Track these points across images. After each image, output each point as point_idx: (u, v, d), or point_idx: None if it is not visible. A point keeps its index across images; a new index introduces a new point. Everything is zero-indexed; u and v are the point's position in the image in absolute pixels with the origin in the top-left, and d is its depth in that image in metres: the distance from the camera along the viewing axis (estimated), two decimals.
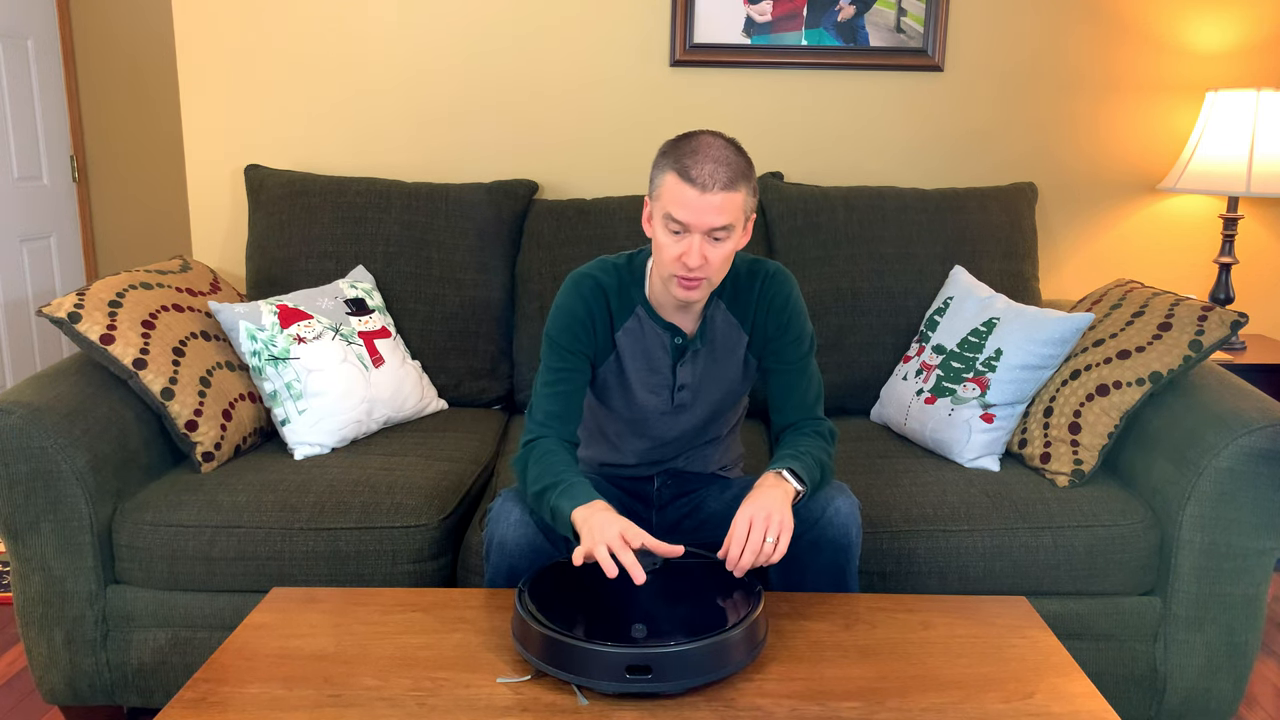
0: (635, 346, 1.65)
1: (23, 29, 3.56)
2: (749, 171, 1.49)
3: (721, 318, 1.65)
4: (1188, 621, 1.82)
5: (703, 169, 1.43)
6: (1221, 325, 1.87)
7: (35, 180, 3.67)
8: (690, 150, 1.46)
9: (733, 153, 1.47)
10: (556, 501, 1.47)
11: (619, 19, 2.65)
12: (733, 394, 1.72)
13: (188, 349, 2.02)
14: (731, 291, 1.64)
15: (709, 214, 1.44)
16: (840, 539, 1.57)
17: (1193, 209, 2.77)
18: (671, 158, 1.47)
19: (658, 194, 1.49)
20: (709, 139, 1.47)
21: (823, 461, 1.57)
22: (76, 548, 1.81)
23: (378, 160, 2.73)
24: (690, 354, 1.65)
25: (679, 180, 1.44)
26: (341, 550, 1.81)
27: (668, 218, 1.47)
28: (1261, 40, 2.66)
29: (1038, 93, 2.69)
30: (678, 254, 1.47)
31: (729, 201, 1.45)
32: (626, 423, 1.73)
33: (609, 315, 1.63)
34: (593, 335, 1.62)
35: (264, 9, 2.64)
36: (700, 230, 1.45)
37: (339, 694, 1.28)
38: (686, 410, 1.70)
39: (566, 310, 1.62)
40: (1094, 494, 1.89)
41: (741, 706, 1.26)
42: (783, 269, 1.66)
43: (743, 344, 1.67)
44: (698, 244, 1.46)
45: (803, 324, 1.65)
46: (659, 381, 1.67)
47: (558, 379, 1.61)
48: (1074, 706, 1.27)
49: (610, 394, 1.70)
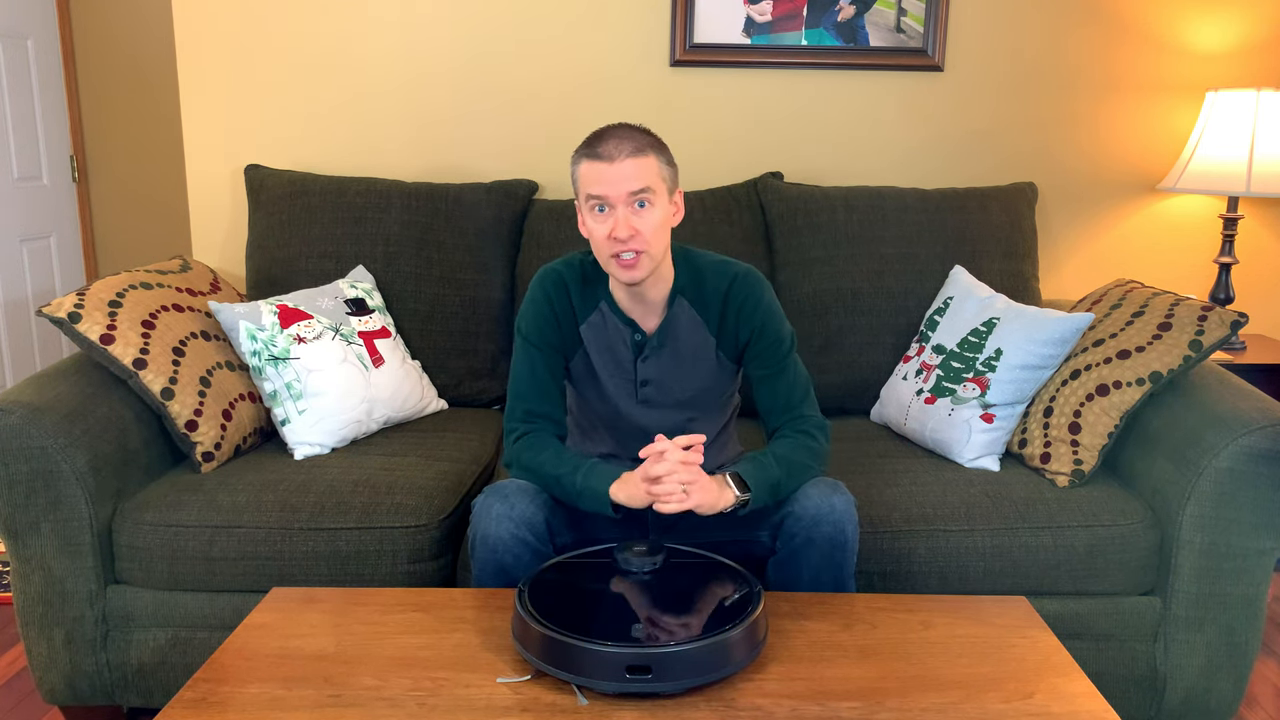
0: (599, 340, 1.69)
1: (23, 29, 3.56)
2: (658, 144, 1.56)
3: (686, 316, 1.67)
4: (1188, 621, 1.82)
5: (608, 144, 1.52)
6: (1221, 325, 1.87)
7: (35, 180, 3.67)
8: (596, 136, 1.56)
9: (636, 130, 1.56)
10: (583, 484, 1.53)
11: (619, 19, 2.65)
12: (708, 392, 1.73)
13: (188, 349, 2.02)
14: (696, 289, 1.66)
15: (623, 180, 1.51)
16: (836, 537, 1.57)
17: (1193, 209, 2.77)
18: (581, 150, 1.57)
19: (578, 188, 1.58)
20: (614, 126, 1.57)
21: (790, 458, 1.59)
22: (76, 548, 1.81)
23: (378, 160, 2.73)
24: (650, 350, 1.67)
25: (590, 161, 1.53)
26: (341, 550, 1.81)
27: (589, 199, 1.54)
28: (1261, 40, 2.67)
29: (1038, 93, 2.70)
30: (607, 231, 1.53)
31: (640, 166, 1.52)
32: (604, 417, 1.76)
33: (571, 309, 1.68)
34: (558, 329, 1.67)
35: (264, 9, 2.64)
36: (620, 200, 1.52)
37: (339, 694, 1.28)
38: (655, 406, 1.72)
39: (532, 304, 1.68)
40: (1094, 494, 1.89)
41: (741, 706, 1.26)
42: (753, 271, 1.68)
43: (710, 345, 1.68)
44: (622, 215, 1.52)
45: (779, 325, 1.67)
46: (623, 376, 1.70)
47: (533, 373, 1.67)
48: (1074, 706, 1.27)
49: (584, 387, 1.74)
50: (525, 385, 1.66)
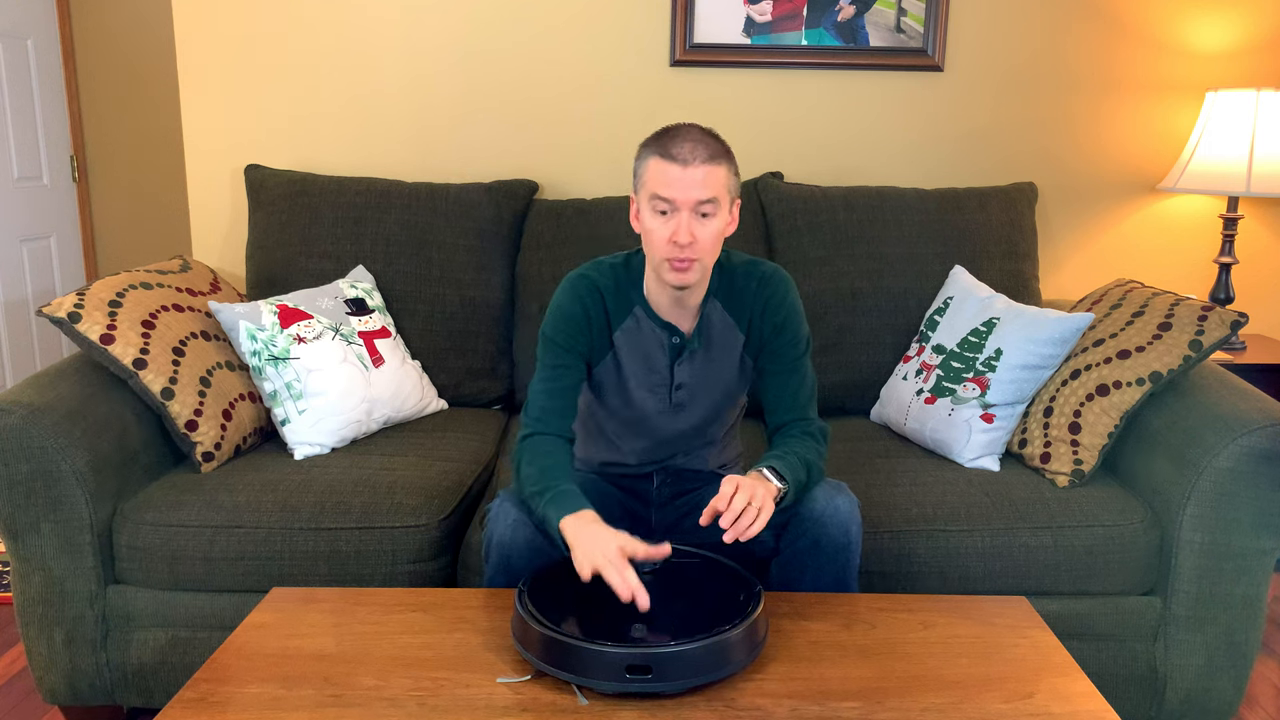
0: (633, 346, 1.66)
1: (23, 29, 3.56)
2: (729, 154, 1.54)
3: (718, 317, 1.66)
4: (1188, 621, 1.82)
5: (683, 147, 1.49)
6: (1221, 325, 1.87)
7: (35, 180, 3.67)
8: (670, 135, 1.52)
9: (711, 136, 1.53)
10: (545, 510, 1.49)
11: (619, 19, 2.65)
12: (730, 395, 1.73)
13: (188, 349, 2.02)
14: (728, 291, 1.65)
15: (693, 187, 1.48)
16: (840, 538, 1.57)
17: (1193, 209, 2.77)
18: (652, 145, 1.53)
19: (642, 182, 1.54)
20: (687, 126, 1.54)
21: (809, 461, 1.58)
22: (76, 548, 1.81)
23: (378, 160, 2.73)
24: (688, 353, 1.66)
25: (661, 160, 1.50)
26: (341, 550, 1.81)
27: (654, 198, 1.51)
28: (1261, 40, 2.66)
29: (1038, 93, 2.69)
30: (668, 235, 1.51)
31: (711, 175, 1.49)
32: (624, 422, 1.74)
33: (605, 316, 1.65)
34: (589, 336, 1.65)
35: (264, 9, 2.64)
36: (687, 206, 1.49)
37: (339, 694, 1.28)
38: (684, 410, 1.71)
39: (563, 311, 1.64)
40: (1094, 494, 1.89)
41: (741, 706, 1.26)
42: (780, 270, 1.68)
43: (739, 344, 1.68)
44: (685, 220, 1.49)
45: (799, 325, 1.66)
46: (657, 381, 1.68)
47: (554, 376, 1.64)
48: (1074, 706, 1.27)
49: (607, 394, 1.71)
50: (543, 387, 1.63)
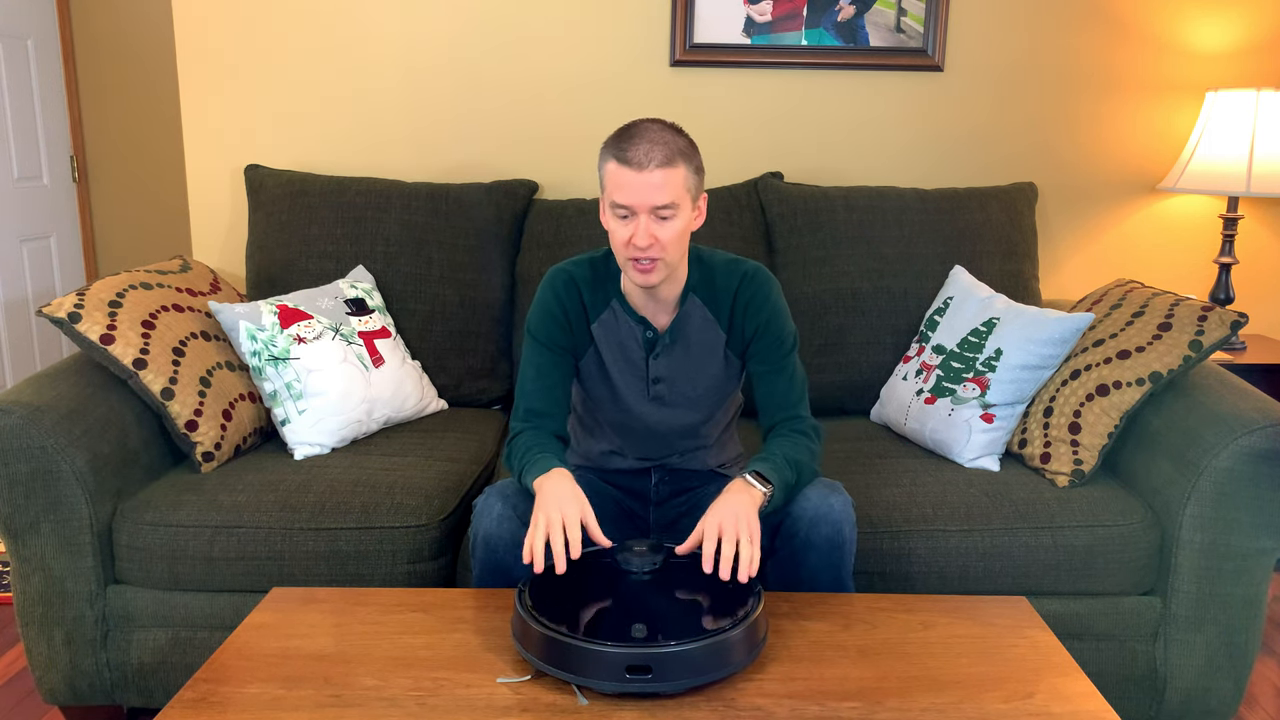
0: (610, 338, 1.68)
1: (23, 29, 3.56)
2: (689, 150, 1.53)
3: (697, 313, 1.67)
4: (1188, 621, 1.82)
5: (638, 150, 1.48)
6: (1221, 325, 1.87)
7: (35, 180, 3.67)
8: (626, 136, 1.51)
9: (670, 134, 1.51)
10: (526, 480, 1.52)
11: (619, 19, 2.65)
12: (718, 390, 1.74)
13: (188, 349, 2.02)
14: (707, 287, 1.66)
15: (648, 192, 1.48)
16: (834, 537, 1.57)
17: (1193, 209, 2.77)
18: (610, 147, 1.52)
19: (603, 184, 1.55)
20: (646, 123, 1.52)
21: (798, 460, 1.58)
22: (76, 548, 1.81)
23: (378, 160, 2.73)
24: (662, 347, 1.67)
25: (617, 165, 1.50)
26: (341, 550, 1.81)
27: (613, 204, 1.52)
28: (1261, 40, 2.66)
29: (1038, 93, 2.69)
30: (627, 237, 1.52)
31: (668, 178, 1.49)
32: (613, 415, 1.76)
33: (583, 308, 1.67)
34: (569, 329, 1.67)
35: (264, 10, 2.64)
36: (643, 210, 1.50)
37: (339, 694, 1.28)
38: (666, 404, 1.72)
39: (542, 305, 1.67)
40: (1094, 494, 1.89)
41: (741, 706, 1.26)
42: (763, 269, 1.68)
43: (720, 341, 1.68)
44: (644, 224, 1.50)
45: (783, 324, 1.67)
46: (635, 374, 1.70)
47: (539, 373, 1.66)
48: (1074, 706, 1.27)
49: (594, 385, 1.73)
50: (530, 385, 1.66)
